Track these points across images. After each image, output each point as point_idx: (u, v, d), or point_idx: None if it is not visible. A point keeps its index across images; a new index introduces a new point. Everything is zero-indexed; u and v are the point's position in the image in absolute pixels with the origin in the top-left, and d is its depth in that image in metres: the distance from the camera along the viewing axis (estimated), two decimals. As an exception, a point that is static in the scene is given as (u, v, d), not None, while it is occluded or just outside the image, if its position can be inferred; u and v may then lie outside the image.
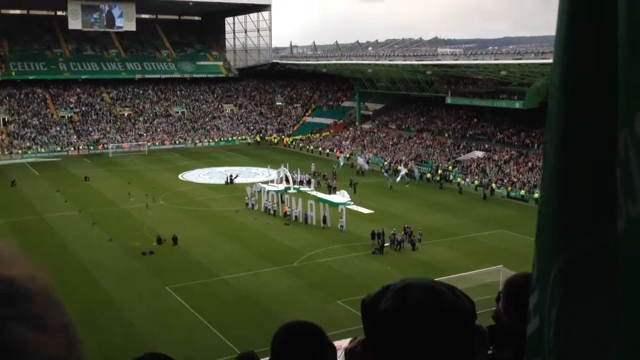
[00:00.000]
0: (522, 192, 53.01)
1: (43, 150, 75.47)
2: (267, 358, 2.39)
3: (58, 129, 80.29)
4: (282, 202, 46.76)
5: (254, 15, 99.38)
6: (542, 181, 1.45)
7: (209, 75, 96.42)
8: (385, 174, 58.09)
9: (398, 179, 56.88)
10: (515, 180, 55.74)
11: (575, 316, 1.28)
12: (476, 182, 57.14)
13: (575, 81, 1.28)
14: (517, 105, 61.73)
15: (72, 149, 76.95)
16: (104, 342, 25.49)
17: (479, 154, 63.91)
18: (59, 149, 76.31)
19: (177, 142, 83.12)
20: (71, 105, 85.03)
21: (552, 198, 1.38)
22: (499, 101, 64.01)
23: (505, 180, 56.16)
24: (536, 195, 51.51)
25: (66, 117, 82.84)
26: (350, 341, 1.67)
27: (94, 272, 33.45)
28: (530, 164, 58.06)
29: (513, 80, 60.90)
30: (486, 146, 65.06)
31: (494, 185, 55.44)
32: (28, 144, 76.11)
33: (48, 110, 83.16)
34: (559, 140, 1.32)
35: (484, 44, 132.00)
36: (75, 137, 79.61)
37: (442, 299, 1.40)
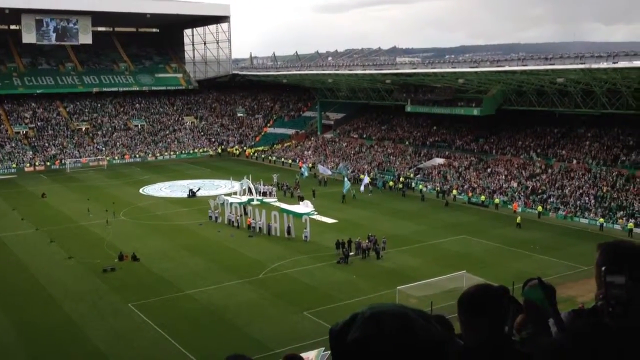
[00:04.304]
0: (483, 197, 53.84)
1: (-3, 167, 73.43)
2: None
3: (13, 145, 78.29)
4: (246, 214, 46.44)
5: (212, 27, 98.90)
6: None
7: (169, 88, 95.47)
8: (347, 183, 57.44)
9: (362, 188, 56.85)
10: (475, 186, 56.61)
11: None
12: (437, 188, 57.81)
13: None
14: (475, 112, 62.84)
15: (28, 165, 75.08)
16: (64, 363, 24.85)
17: (440, 160, 64.74)
18: (14, 165, 74.34)
19: (138, 155, 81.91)
20: (26, 121, 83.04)
21: None
22: (458, 109, 65.03)
23: (465, 186, 56.97)
24: (497, 200, 52.41)
25: (21, 132, 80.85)
26: None
27: (53, 291, 32.57)
28: (489, 170, 59.05)
29: (470, 88, 61.95)
30: (446, 153, 65.96)
31: (454, 191, 56.17)
32: (-19, 161, 73.97)
33: (2, 126, 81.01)
34: None
35: (441, 52, 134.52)
36: (31, 153, 77.73)
37: (413, 326, 1.35)
